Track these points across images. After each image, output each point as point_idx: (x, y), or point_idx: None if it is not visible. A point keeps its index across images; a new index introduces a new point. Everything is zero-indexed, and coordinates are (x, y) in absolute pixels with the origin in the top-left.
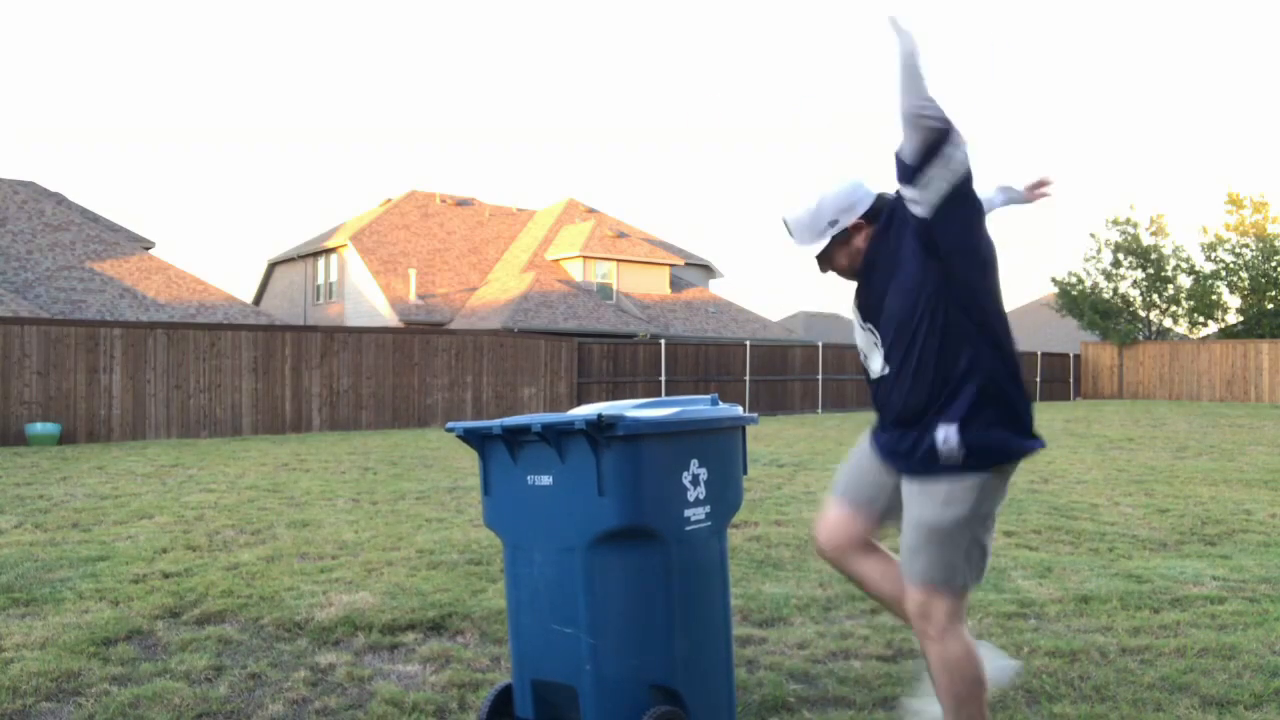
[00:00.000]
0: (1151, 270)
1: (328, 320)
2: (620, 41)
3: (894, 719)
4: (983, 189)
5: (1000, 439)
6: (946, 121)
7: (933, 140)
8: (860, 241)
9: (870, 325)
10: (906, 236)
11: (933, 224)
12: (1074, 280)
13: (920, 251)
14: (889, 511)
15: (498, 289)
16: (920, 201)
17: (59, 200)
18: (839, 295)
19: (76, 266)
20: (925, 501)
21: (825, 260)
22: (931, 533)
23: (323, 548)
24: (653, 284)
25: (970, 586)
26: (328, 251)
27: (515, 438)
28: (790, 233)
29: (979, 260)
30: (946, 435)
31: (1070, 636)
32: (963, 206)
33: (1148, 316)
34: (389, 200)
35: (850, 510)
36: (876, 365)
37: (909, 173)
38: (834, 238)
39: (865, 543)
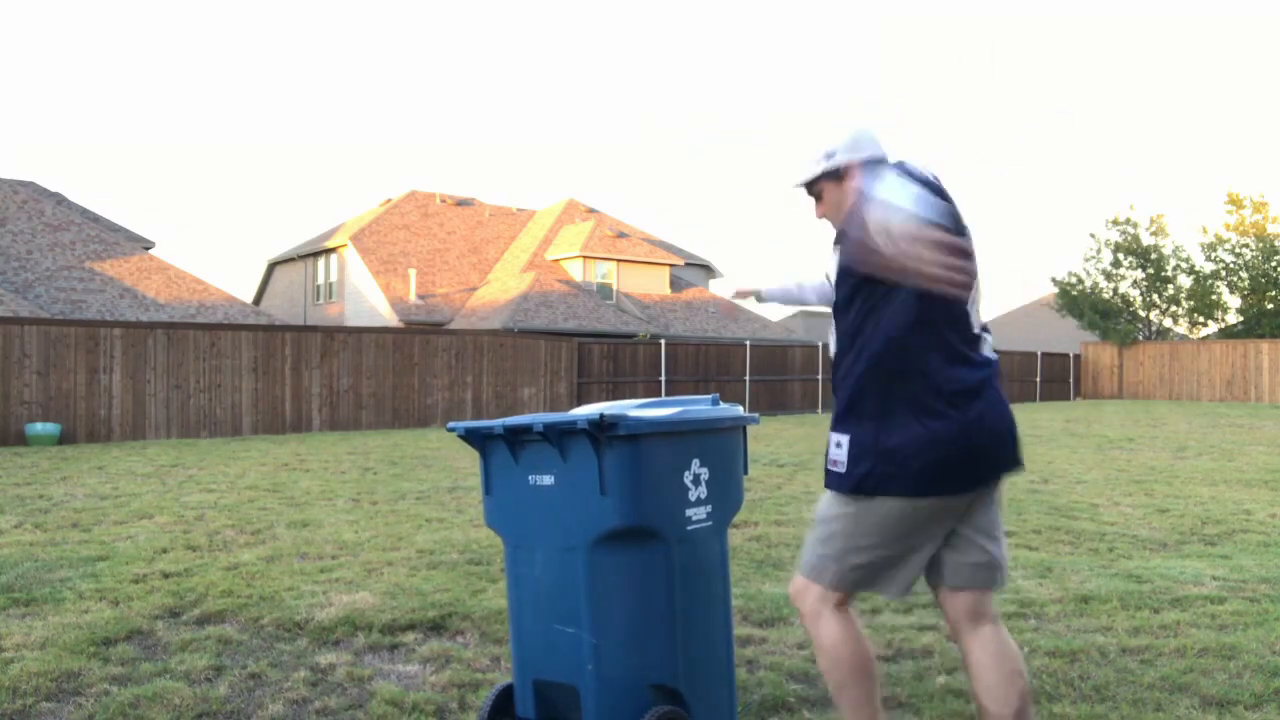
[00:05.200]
0: (1151, 270)
1: (328, 320)
2: (620, 41)
3: (893, 719)
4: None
5: (895, 472)
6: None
7: None
8: (849, 188)
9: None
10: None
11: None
12: (1074, 280)
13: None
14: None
15: (498, 289)
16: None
17: (59, 200)
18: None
19: (76, 266)
20: (824, 494)
21: (815, 196)
22: (816, 523)
23: (323, 548)
24: (653, 284)
25: (842, 589)
26: (328, 251)
27: (517, 437)
28: (804, 165)
29: (902, 296)
30: (838, 441)
31: (1070, 636)
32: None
33: (1148, 316)
34: (389, 200)
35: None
36: (832, 340)
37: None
38: (826, 172)
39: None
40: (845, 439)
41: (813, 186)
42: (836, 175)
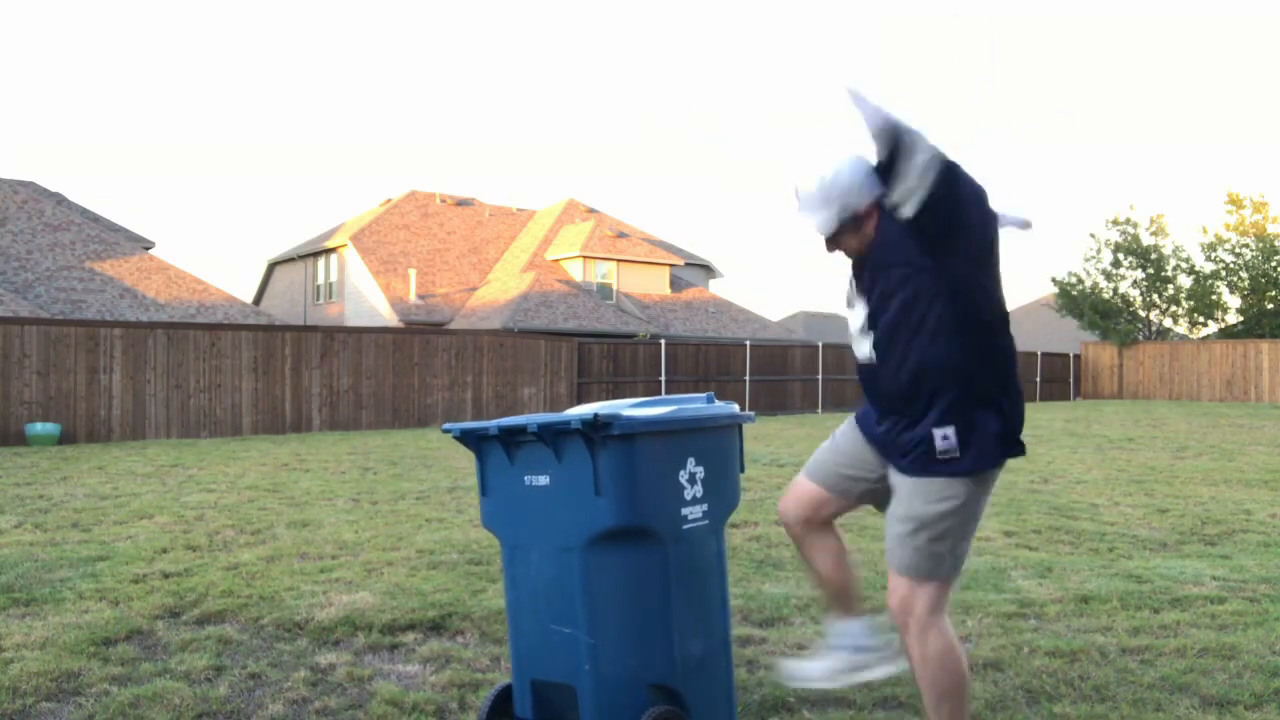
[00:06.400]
0: (1151, 270)
1: (328, 320)
2: (620, 41)
3: (894, 719)
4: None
5: (993, 443)
6: (935, 150)
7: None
8: (871, 227)
9: (863, 307)
10: (900, 224)
11: (917, 220)
12: (1074, 280)
13: (911, 240)
14: (865, 497)
15: (498, 289)
16: (901, 206)
17: (59, 200)
18: (839, 295)
19: (76, 266)
20: (918, 495)
21: (833, 241)
22: (921, 526)
23: (323, 548)
24: (653, 284)
25: (953, 579)
26: (328, 251)
27: (512, 438)
28: (800, 206)
29: (971, 254)
30: (946, 434)
31: (1070, 636)
32: (949, 203)
33: (1148, 316)
34: (389, 200)
35: (820, 491)
36: (865, 350)
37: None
38: (844, 221)
39: (827, 524)
40: (951, 430)
41: (834, 237)
42: (855, 222)
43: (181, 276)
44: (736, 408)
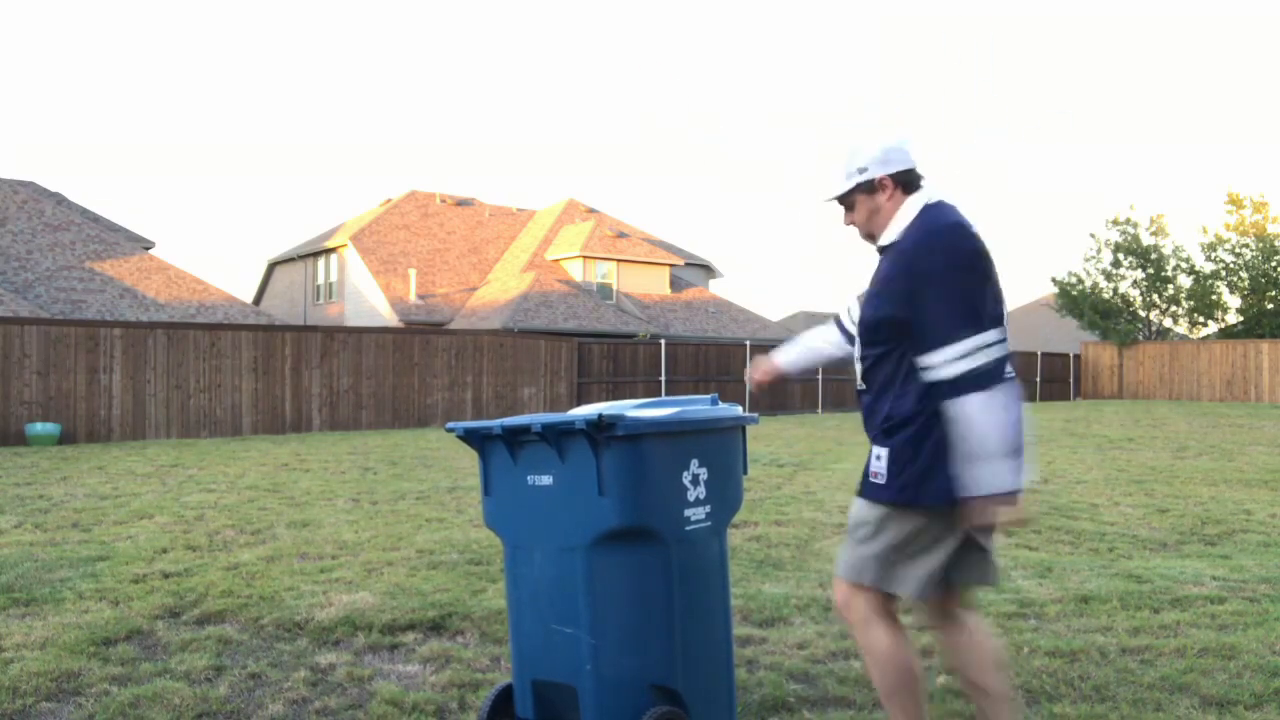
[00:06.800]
0: (1151, 270)
1: (328, 320)
2: (620, 41)
3: None
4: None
5: (932, 483)
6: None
7: None
8: (884, 200)
9: (855, 333)
10: (899, 271)
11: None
12: (1074, 280)
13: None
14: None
15: (498, 289)
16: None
17: (59, 200)
18: (838, 296)
19: (76, 266)
20: (858, 502)
21: (846, 206)
22: (852, 528)
23: (323, 548)
24: (653, 284)
25: (887, 590)
26: (328, 251)
27: (515, 438)
28: (831, 175)
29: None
30: (879, 454)
31: (1070, 636)
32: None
33: (1148, 316)
34: (389, 200)
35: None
36: (857, 376)
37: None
38: (859, 185)
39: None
40: (885, 452)
41: (845, 198)
42: (869, 187)
43: (181, 276)
44: (740, 410)
